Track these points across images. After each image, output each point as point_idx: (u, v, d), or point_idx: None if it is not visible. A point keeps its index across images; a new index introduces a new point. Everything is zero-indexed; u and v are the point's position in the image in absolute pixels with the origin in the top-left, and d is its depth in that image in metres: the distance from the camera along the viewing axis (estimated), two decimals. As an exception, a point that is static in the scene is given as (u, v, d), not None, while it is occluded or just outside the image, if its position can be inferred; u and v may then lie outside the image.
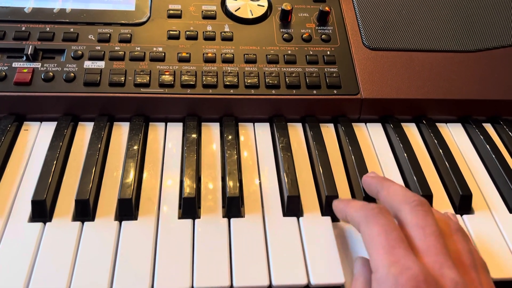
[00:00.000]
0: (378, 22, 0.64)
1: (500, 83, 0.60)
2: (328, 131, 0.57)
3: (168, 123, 0.56)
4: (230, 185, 0.47)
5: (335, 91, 0.57)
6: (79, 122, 0.55)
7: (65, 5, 0.61)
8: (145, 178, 0.49)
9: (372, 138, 0.57)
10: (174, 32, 0.60)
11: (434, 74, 0.60)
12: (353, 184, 0.51)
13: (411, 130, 0.59)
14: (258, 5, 0.64)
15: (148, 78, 0.55)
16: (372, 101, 0.58)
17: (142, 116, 0.55)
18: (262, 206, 0.47)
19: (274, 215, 0.46)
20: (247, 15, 0.63)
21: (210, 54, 0.58)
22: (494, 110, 0.61)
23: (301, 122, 0.58)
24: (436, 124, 0.59)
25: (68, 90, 0.54)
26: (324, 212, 0.47)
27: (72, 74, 0.55)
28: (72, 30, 0.59)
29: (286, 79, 0.57)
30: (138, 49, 0.58)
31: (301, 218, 0.46)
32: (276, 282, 0.40)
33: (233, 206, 0.46)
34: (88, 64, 0.56)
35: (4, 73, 0.54)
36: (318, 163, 0.51)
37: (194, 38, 0.60)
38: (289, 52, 0.60)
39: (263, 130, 0.56)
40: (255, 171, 0.51)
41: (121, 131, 0.54)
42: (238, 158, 0.51)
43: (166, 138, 0.54)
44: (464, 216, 0.48)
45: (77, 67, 0.55)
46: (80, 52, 0.57)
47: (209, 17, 0.62)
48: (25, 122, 0.54)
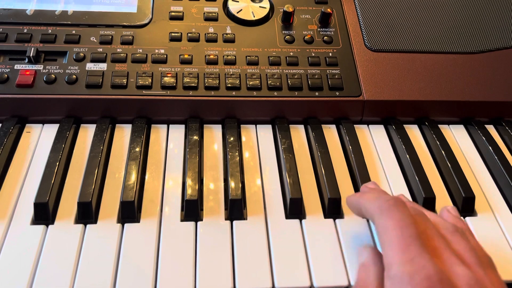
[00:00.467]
0: (380, 24, 0.64)
1: (502, 85, 0.60)
2: (330, 133, 0.57)
3: (170, 125, 0.56)
4: (232, 187, 0.47)
5: (337, 93, 0.57)
6: (81, 124, 0.55)
7: (67, 7, 0.61)
8: (147, 180, 0.49)
9: (374, 140, 0.57)
10: (176, 34, 0.60)
11: (436, 75, 0.60)
12: (357, 186, 0.51)
13: (414, 132, 0.59)
14: (260, 7, 0.64)
15: (150, 80, 0.55)
16: (374, 102, 0.58)
17: (144, 118, 0.55)
18: (265, 208, 0.47)
19: (277, 217, 0.46)
20: (249, 17, 0.62)
21: (212, 56, 0.58)
22: (497, 112, 0.61)
23: (303, 124, 0.58)
24: (438, 125, 0.59)
25: (70, 92, 0.54)
26: (327, 214, 0.47)
27: (74, 76, 0.55)
28: (74, 32, 0.59)
29: (288, 81, 0.57)
30: (140, 51, 0.58)
31: (303, 220, 0.46)
32: (279, 285, 0.40)
33: (235, 208, 0.46)
34: (90, 66, 0.56)
35: (6, 75, 0.54)
36: (321, 165, 0.50)
37: (196, 40, 0.60)
38: (291, 53, 0.60)
39: (265, 132, 0.56)
40: (257, 173, 0.51)
41: (123, 133, 0.54)
42: (240, 160, 0.51)
43: (168, 140, 0.54)
44: (467, 218, 0.48)
45: (79, 69, 0.55)
46: (82, 54, 0.57)
47: (211, 19, 0.62)
48: (27, 125, 0.54)
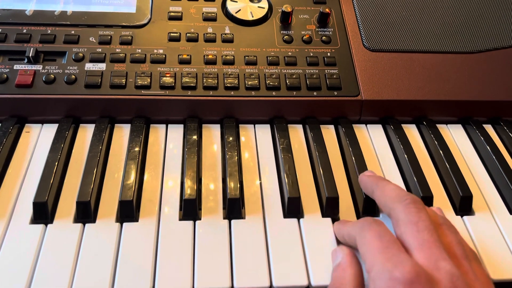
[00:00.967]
0: (379, 24, 0.64)
1: (500, 84, 0.61)
2: (328, 133, 0.58)
3: (169, 125, 0.56)
4: (231, 186, 0.47)
5: (336, 93, 0.58)
6: (80, 124, 0.55)
7: (66, 7, 0.61)
8: (146, 179, 0.49)
9: (372, 139, 0.57)
10: (175, 34, 0.60)
11: (434, 75, 0.60)
12: (353, 185, 0.51)
13: (412, 131, 0.59)
14: (259, 7, 0.64)
15: (149, 80, 0.55)
16: (372, 102, 0.58)
17: (143, 118, 0.56)
18: (263, 207, 0.47)
19: (275, 217, 0.46)
20: (248, 17, 0.63)
21: (210, 56, 0.58)
22: (495, 111, 0.61)
23: (301, 124, 0.58)
24: (436, 125, 0.59)
25: (69, 92, 0.54)
26: (324, 213, 0.47)
27: (73, 76, 0.55)
28: (73, 32, 0.59)
29: (287, 81, 0.57)
30: (139, 51, 0.58)
31: (301, 220, 0.46)
32: (276, 283, 0.40)
33: (233, 208, 0.46)
34: (89, 66, 0.56)
35: (5, 75, 0.54)
36: (319, 165, 0.51)
37: (195, 40, 0.60)
38: (289, 53, 0.60)
39: (264, 132, 0.57)
40: (256, 173, 0.51)
41: (122, 133, 0.55)
42: (239, 159, 0.52)
43: (167, 140, 0.54)
44: (464, 217, 0.48)
45: (78, 69, 0.56)
46: (81, 54, 0.57)
47: (209, 19, 0.62)
48: (26, 124, 0.55)
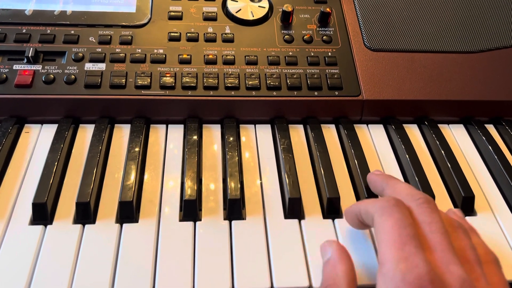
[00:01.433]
0: (380, 23, 0.64)
1: (502, 84, 0.60)
2: (329, 133, 0.57)
3: (169, 125, 0.56)
4: (231, 187, 0.47)
5: (337, 93, 0.57)
6: (80, 125, 0.55)
7: (65, 7, 0.61)
8: (146, 180, 0.49)
9: (373, 139, 0.57)
10: (175, 34, 0.60)
11: (435, 75, 0.60)
12: (356, 185, 0.51)
13: (413, 131, 0.59)
14: (259, 6, 0.64)
15: (149, 80, 0.55)
16: (373, 102, 0.58)
17: (143, 118, 0.55)
18: (264, 208, 0.47)
19: (276, 217, 0.46)
20: (248, 17, 0.62)
21: (211, 56, 0.58)
22: (496, 111, 0.61)
23: (302, 124, 0.58)
24: (438, 125, 0.59)
25: (69, 92, 0.54)
26: (325, 214, 0.47)
27: (73, 76, 0.55)
28: (72, 32, 0.59)
29: (287, 81, 0.57)
30: (139, 51, 0.58)
31: (302, 221, 0.46)
32: (277, 285, 0.40)
33: (234, 208, 0.46)
34: (89, 66, 0.56)
35: (5, 75, 0.54)
36: (320, 165, 0.50)
37: (195, 39, 0.60)
38: (290, 53, 0.60)
39: (264, 132, 0.56)
40: (256, 173, 0.51)
41: (122, 133, 0.54)
42: (239, 160, 0.51)
43: (167, 140, 0.54)
44: (466, 217, 0.48)
45: (78, 69, 0.55)
46: (81, 54, 0.57)
47: (210, 18, 0.62)
48: (26, 125, 0.54)
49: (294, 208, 0.46)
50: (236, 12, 0.63)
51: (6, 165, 0.49)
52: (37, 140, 0.53)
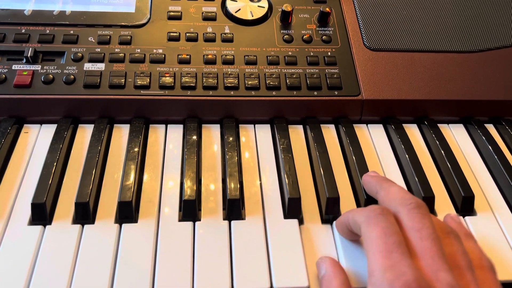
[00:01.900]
0: (379, 23, 0.64)
1: (502, 84, 0.60)
2: (329, 132, 0.57)
3: (168, 125, 0.56)
4: (231, 187, 0.47)
5: (336, 92, 0.57)
6: (79, 125, 0.55)
7: (65, 7, 0.61)
8: (145, 180, 0.49)
9: (373, 139, 0.57)
10: (174, 33, 0.60)
11: (435, 74, 0.60)
12: (355, 185, 0.51)
13: (413, 131, 0.59)
14: (259, 6, 0.64)
15: (148, 80, 0.55)
16: (373, 102, 0.58)
17: (142, 118, 0.55)
18: (263, 208, 0.47)
19: (275, 217, 0.46)
20: (248, 17, 0.62)
21: (210, 56, 0.58)
22: (496, 111, 0.61)
23: (302, 124, 0.58)
24: (437, 125, 0.58)
25: (68, 92, 0.54)
26: (325, 214, 0.47)
27: (72, 76, 0.55)
28: (72, 32, 0.59)
29: (287, 81, 0.57)
30: (138, 51, 0.58)
31: (302, 220, 0.46)
32: (277, 285, 0.40)
33: (233, 208, 0.46)
34: (88, 66, 0.56)
35: (4, 75, 0.54)
36: (319, 165, 0.50)
37: (194, 39, 0.60)
38: (289, 53, 0.60)
39: (264, 132, 0.56)
40: (256, 173, 0.51)
41: (121, 133, 0.54)
42: (239, 160, 0.51)
43: (167, 140, 0.54)
44: (466, 217, 0.48)
45: (77, 69, 0.55)
46: (80, 54, 0.57)
47: (209, 18, 0.62)
48: (25, 125, 0.54)
49: (293, 208, 0.46)
50: (235, 12, 0.63)
51: (5, 165, 0.49)
52: (36, 140, 0.52)
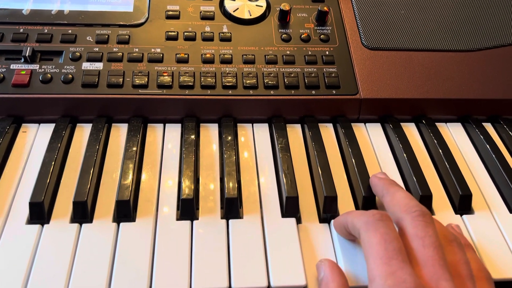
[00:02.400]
0: (377, 22, 0.64)
1: (500, 82, 0.60)
2: (327, 131, 0.57)
3: (166, 124, 0.56)
4: (229, 186, 0.47)
5: (334, 91, 0.57)
6: (77, 124, 0.55)
7: (63, 6, 0.61)
8: (143, 179, 0.49)
9: (371, 138, 0.57)
10: (172, 33, 0.60)
11: (433, 73, 0.60)
12: (353, 184, 0.51)
13: (411, 130, 0.59)
14: (257, 5, 0.64)
15: (146, 79, 0.55)
16: (371, 101, 0.58)
17: (140, 117, 0.55)
18: (261, 207, 0.47)
19: (273, 216, 0.46)
20: (246, 16, 0.62)
21: (208, 55, 0.58)
22: (494, 110, 0.61)
23: (300, 123, 0.58)
24: (435, 123, 0.59)
25: (66, 91, 0.54)
26: (323, 212, 0.47)
27: (70, 76, 0.55)
28: (70, 31, 0.59)
29: (285, 80, 0.57)
30: (136, 50, 0.58)
31: (300, 219, 0.46)
32: (275, 283, 0.40)
33: (231, 207, 0.46)
34: (86, 65, 0.56)
35: (2, 75, 0.54)
36: (317, 164, 0.50)
37: (193, 39, 0.60)
38: (287, 52, 0.60)
39: (262, 131, 0.56)
40: (254, 172, 0.51)
41: (119, 133, 0.54)
42: (237, 159, 0.51)
43: (165, 139, 0.54)
44: (464, 216, 0.48)
45: (75, 69, 0.55)
46: (78, 53, 0.57)
47: (207, 17, 0.62)
48: (23, 124, 0.54)
49: (291, 207, 0.46)
50: (233, 11, 0.63)
51: (3, 164, 0.49)
52: (34, 139, 0.52)
